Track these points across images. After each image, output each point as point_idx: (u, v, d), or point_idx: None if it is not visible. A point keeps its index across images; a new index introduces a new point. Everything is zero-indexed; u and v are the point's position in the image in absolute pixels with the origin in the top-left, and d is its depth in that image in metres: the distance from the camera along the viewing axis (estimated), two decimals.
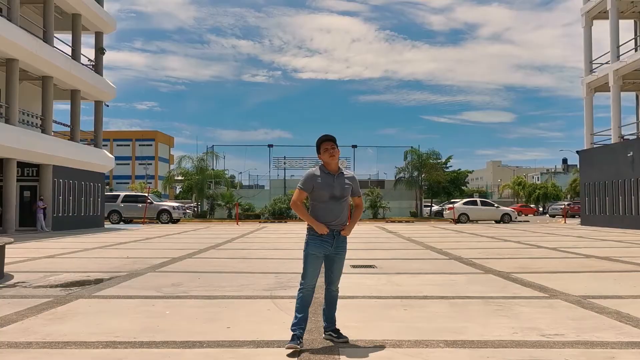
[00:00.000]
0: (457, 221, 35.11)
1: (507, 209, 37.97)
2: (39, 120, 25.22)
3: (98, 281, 8.25)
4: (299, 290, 4.58)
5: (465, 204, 36.98)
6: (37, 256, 12.36)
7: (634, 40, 30.37)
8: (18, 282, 8.16)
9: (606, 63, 30.31)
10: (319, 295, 5.25)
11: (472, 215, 35.74)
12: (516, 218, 37.29)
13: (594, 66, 31.83)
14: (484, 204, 37.44)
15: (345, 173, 4.70)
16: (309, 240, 4.56)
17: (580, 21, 32.67)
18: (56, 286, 7.76)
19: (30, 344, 4.61)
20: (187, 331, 5.02)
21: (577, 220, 36.97)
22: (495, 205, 38.01)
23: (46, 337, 4.83)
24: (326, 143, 4.63)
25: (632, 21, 32.51)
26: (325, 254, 4.58)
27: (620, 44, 29.38)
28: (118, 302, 6.62)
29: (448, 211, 36.76)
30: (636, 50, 28.55)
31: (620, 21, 30.08)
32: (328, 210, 4.55)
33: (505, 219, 35.63)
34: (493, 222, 35.81)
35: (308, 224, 4.62)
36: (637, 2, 29.22)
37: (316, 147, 4.68)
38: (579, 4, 33.26)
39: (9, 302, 6.47)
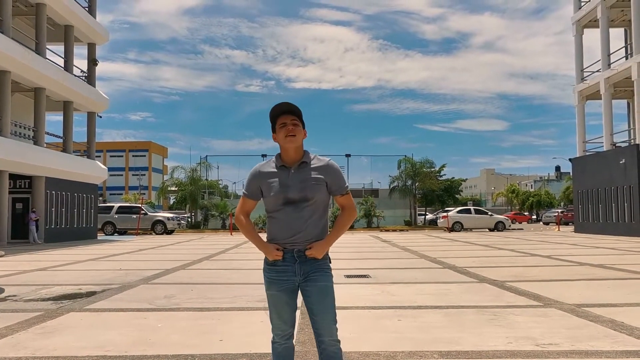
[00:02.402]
0: (451, 229, 35.12)
1: (501, 217, 38.05)
2: (32, 132, 25.13)
3: (90, 294, 8.18)
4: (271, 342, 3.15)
5: (459, 212, 37.05)
6: (29, 269, 12.26)
7: (624, 48, 30.61)
8: (9, 296, 8.07)
9: (597, 71, 30.54)
10: None
11: (466, 224, 35.79)
12: (510, 226, 37.38)
13: (586, 74, 32.06)
14: (477, 212, 37.51)
15: (312, 162, 3.08)
16: (263, 273, 3.10)
17: (571, 30, 32.93)
18: (47, 299, 7.68)
19: (19, 359, 4.55)
20: (180, 344, 4.96)
21: (571, 228, 37.07)
22: (489, 213, 38.08)
23: (36, 351, 4.76)
24: (283, 117, 3.03)
25: (622, 29, 32.77)
26: (292, 288, 3.05)
27: (611, 52, 29.62)
28: (110, 315, 6.55)
29: (442, 220, 36.82)
30: (627, 59, 28.76)
31: (611, 29, 30.33)
32: (283, 222, 3.02)
33: (499, 227, 35.70)
34: (487, 230, 35.86)
35: None
36: (627, 11, 29.45)
37: (271, 123, 3.11)
38: (570, 12, 33.55)
39: None
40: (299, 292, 3.09)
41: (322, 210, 3.08)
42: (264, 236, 3.13)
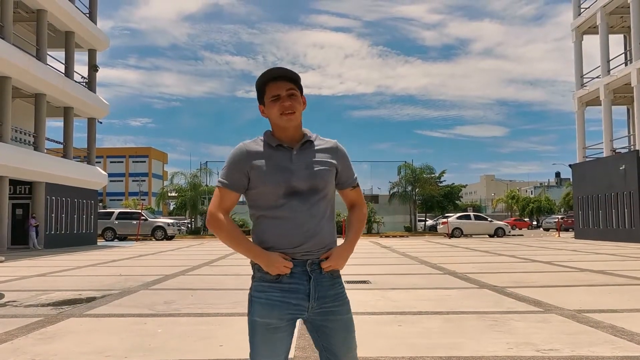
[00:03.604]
0: (451, 235, 35.10)
1: (501, 223, 38.05)
2: (32, 138, 25.15)
3: (90, 299, 8.17)
4: None
5: (459, 218, 37.05)
6: (28, 274, 12.24)
7: (623, 54, 30.69)
8: (9, 301, 8.06)
9: (597, 77, 30.59)
10: None
11: (466, 230, 35.78)
12: (510, 232, 37.38)
13: (585, 80, 32.11)
14: (477, 218, 37.51)
15: (315, 141, 2.31)
16: (254, 293, 2.23)
17: (570, 36, 33.02)
18: (47, 305, 7.67)
19: None
20: (179, 350, 4.96)
21: (571, 234, 37.04)
22: (489, 219, 38.08)
23: (36, 357, 4.76)
24: (275, 85, 2.24)
25: (621, 36, 32.86)
26: (298, 318, 2.24)
27: (610, 58, 29.69)
28: (109, 320, 6.54)
29: (442, 226, 36.80)
30: (626, 65, 28.83)
31: (610, 36, 30.43)
32: (289, 222, 2.18)
33: (499, 232, 35.69)
34: (487, 236, 35.84)
35: (251, 260, 2.24)
36: (626, 18, 29.54)
37: (257, 95, 2.32)
38: (569, 19, 33.64)
39: None
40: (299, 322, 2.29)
41: (331, 206, 2.31)
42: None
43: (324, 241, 2.23)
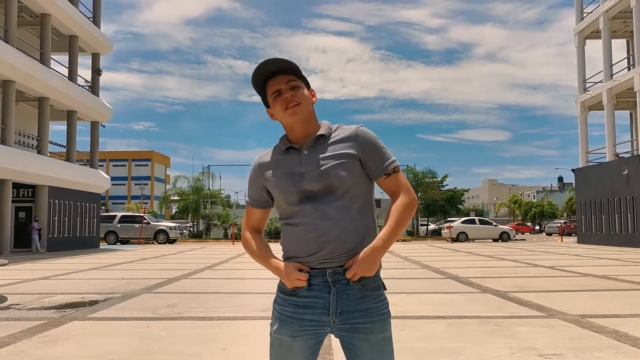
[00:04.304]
0: (456, 240, 35.07)
1: (505, 228, 38.09)
2: (35, 141, 25.24)
3: (92, 303, 8.18)
4: None
5: (463, 222, 37.05)
6: (31, 278, 12.26)
7: (626, 59, 30.67)
8: (12, 305, 8.07)
9: (600, 82, 30.57)
10: None
11: (471, 234, 35.77)
12: (514, 236, 37.36)
13: (588, 85, 32.09)
14: (482, 222, 37.52)
15: (334, 134, 2.05)
16: (274, 303, 2.09)
17: (573, 41, 33.01)
18: (50, 308, 7.68)
19: None
20: (182, 353, 4.96)
21: (574, 239, 36.96)
22: (494, 223, 38.08)
23: None
24: (274, 81, 2.03)
25: (624, 40, 32.86)
26: (319, 335, 1.99)
27: (613, 63, 29.66)
28: (112, 323, 6.55)
29: (446, 230, 36.79)
30: (629, 69, 28.82)
31: (613, 40, 30.42)
32: (304, 228, 1.97)
33: (503, 237, 35.69)
34: (490, 240, 35.81)
35: None
36: (629, 22, 29.55)
37: (261, 98, 2.12)
38: (572, 23, 33.63)
39: (2, 325, 6.40)
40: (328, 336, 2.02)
41: (362, 203, 2.02)
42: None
43: (346, 245, 1.95)
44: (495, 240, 35.64)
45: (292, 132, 2.05)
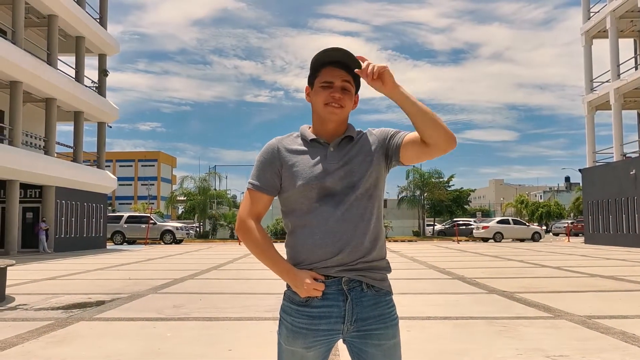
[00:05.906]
0: (492, 239, 35.58)
1: (537, 227, 39.46)
2: (42, 142, 25.36)
3: (99, 303, 8.21)
4: None
5: (498, 222, 37.78)
6: (38, 278, 12.32)
7: (634, 59, 30.50)
8: (19, 305, 8.12)
9: (607, 81, 30.41)
10: None
11: (506, 234, 36.50)
12: (544, 236, 38.06)
13: (595, 85, 31.94)
14: (516, 222, 38.38)
15: (357, 136, 2.02)
16: (281, 312, 2.00)
17: (580, 40, 32.87)
18: (57, 308, 7.72)
19: None
20: (188, 354, 4.97)
21: (581, 239, 36.88)
22: (527, 224, 39.33)
23: None
24: (332, 70, 1.95)
25: (631, 40, 32.69)
26: (332, 341, 1.93)
27: (620, 62, 29.51)
28: (119, 324, 6.58)
29: (482, 230, 37.04)
30: (636, 69, 28.66)
31: (620, 40, 30.25)
32: (318, 230, 1.88)
33: (535, 237, 36.31)
34: (520, 240, 36.36)
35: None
36: (636, 21, 29.41)
37: (309, 74, 2.04)
38: (579, 23, 33.50)
39: (10, 325, 6.44)
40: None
41: (377, 205, 1.96)
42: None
43: (361, 250, 1.88)
44: (525, 239, 36.04)
45: (323, 126, 1.98)
